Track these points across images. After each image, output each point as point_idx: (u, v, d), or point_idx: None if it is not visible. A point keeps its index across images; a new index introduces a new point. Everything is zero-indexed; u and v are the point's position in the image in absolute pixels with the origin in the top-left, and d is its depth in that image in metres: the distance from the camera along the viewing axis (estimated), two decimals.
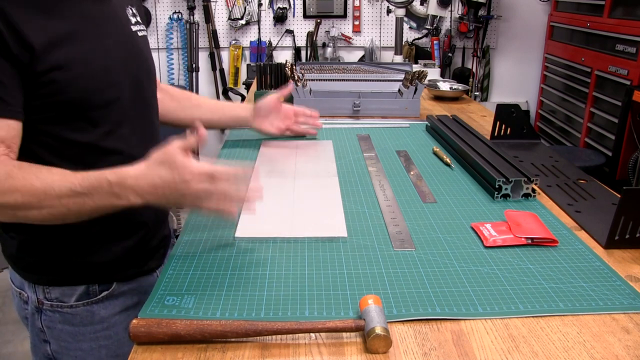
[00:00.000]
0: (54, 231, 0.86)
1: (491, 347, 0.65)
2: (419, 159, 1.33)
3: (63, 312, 0.93)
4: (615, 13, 2.71)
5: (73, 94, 0.81)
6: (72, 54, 0.80)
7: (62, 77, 0.79)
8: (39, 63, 0.76)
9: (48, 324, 0.94)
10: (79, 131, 0.84)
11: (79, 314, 0.93)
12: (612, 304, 0.74)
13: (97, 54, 0.84)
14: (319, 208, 1.02)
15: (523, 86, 3.71)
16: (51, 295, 0.92)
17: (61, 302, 0.92)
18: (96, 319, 0.94)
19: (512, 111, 1.45)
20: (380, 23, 3.57)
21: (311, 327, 0.65)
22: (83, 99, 0.82)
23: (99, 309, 0.94)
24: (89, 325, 0.94)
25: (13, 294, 0.98)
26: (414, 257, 0.85)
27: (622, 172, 2.59)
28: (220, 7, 3.53)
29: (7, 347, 2.22)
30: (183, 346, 0.65)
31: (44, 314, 0.93)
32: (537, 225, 0.93)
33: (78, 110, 0.83)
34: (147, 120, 0.98)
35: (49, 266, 0.91)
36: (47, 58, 0.77)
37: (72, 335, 0.94)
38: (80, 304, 0.93)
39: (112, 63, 0.87)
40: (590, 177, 1.22)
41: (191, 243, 0.89)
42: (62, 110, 0.81)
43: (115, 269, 0.95)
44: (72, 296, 0.92)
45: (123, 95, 0.89)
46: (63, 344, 0.95)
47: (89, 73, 0.82)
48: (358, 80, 1.89)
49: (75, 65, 0.80)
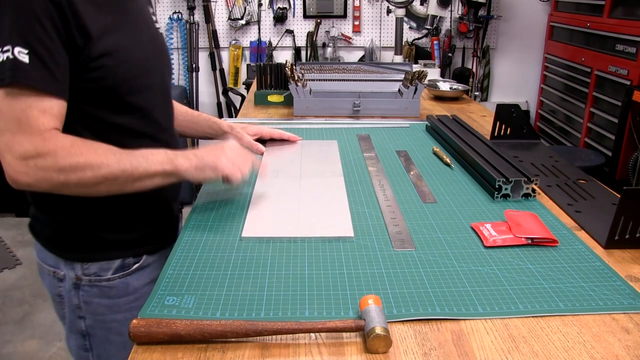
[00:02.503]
0: (93, 211, 0.96)
1: (491, 347, 0.65)
2: (419, 159, 1.33)
3: (101, 286, 1.01)
4: (615, 13, 2.71)
5: (116, 79, 0.90)
6: (118, 43, 0.89)
7: (109, 63, 0.88)
8: (93, 48, 0.85)
9: (85, 299, 1.01)
10: (119, 114, 0.93)
11: (116, 286, 1.02)
12: (612, 304, 0.74)
13: (136, 44, 0.95)
14: (325, 208, 1.02)
15: (523, 86, 3.71)
16: (89, 271, 1.00)
17: (99, 276, 1.00)
18: (130, 289, 1.03)
19: (512, 111, 1.45)
20: (380, 23, 3.57)
21: (311, 327, 0.65)
22: (124, 84, 0.92)
23: (132, 280, 1.03)
24: (124, 297, 1.03)
25: (44, 274, 1.05)
26: (414, 257, 0.85)
27: (622, 172, 2.59)
28: (220, 7, 3.53)
29: (7, 347, 2.22)
30: (183, 346, 0.65)
31: (81, 289, 1.01)
32: (537, 225, 0.93)
33: (119, 94, 0.92)
34: (169, 108, 1.10)
35: (87, 244, 0.99)
36: (99, 44, 0.86)
37: (108, 308, 1.03)
38: (117, 276, 1.01)
39: (147, 54, 0.97)
40: (590, 177, 1.22)
41: (191, 243, 0.89)
42: (105, 93, 0.90)
43: (144, 242, 1.04)
44: (109, 270, 1.01)
45: (155, 82, 1.00)
46: (99, 317, 1.03)
47: (130, 60, 0.92)
48: (358, 80, 1.89)
49: (120, 52, 0.90)
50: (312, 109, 1.73)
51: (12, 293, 2.60)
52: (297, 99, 1.72)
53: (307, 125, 1.61)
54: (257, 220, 0.96)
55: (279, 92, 1.88)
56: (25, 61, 0.79)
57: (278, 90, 1.91)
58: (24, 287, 2.65)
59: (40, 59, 0.80)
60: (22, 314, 2.44)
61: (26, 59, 0.79)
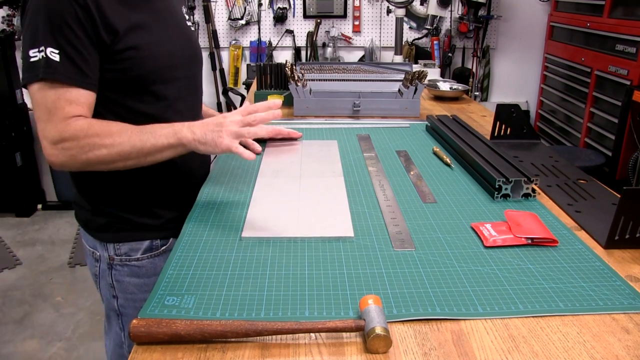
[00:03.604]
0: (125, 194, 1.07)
1: (491, 347, 0.65)
2: (419, 159, 1.33)
3: (131, 265, 1.11)
4: (615, 13, 2.71)
5: (142, 71, 1.00)
6: (144, 39, 0.99)
7: (135, 55, 0.98)
8: (119, 43, 0.95)
9: (118, 277, 1.11)
10: (144, 103, 1.03)
11: (145, 266, 1.12)
12: (612, 304, 0.74)
13: (163, 40, 1.03)
14: (325, 208, 1.02)
15: (523, 86, 3.71)
16: (121, 251, 1.10)
17: (129, 256, 1.10)
18: (158, 270, 1.11)
19: (512, 111, 1.45)
20: (380, 23, 3.57)
21: (311, 327, 0.65)
22: (149, 75, 1.01)
23: (160, 262, 1.12)
24: (152, 277, 1.12)
25: (87, 254, 1.16)
26: (414, 257, 0.85)
27: (622, 172, 2.59)
28: (220, 7, 3.53)
29: (7, 347, 2.22)
30: (183, 346, 0.65)
31: (114, 269, 1.11)
32: (537, 225, 0.93)
33: (145, 85, 1.02)
34: (196, 100, 1.18)
35: (119, 225, 1.09)
36: (125, 39, 0.96)
37: (137, 287, 1.12)
38: (145, 256, 1.11)
39: (173, 49, 1.06)
40: (590, 177, 1.22)
41: (191, 243, 0.89)
42: (132, 83, 1.00)
43: (172, 227, 1.11)
44: (139, 250, 1.11)
45: (180, 75, 1.09)
46: (129, 296, 1.12)
47: (155, 54, 1.01)
48: (358, 80, 1.89)
49: (146, 47, 0.99)
50: (312, 109, 1.73)
51: (12, 293, 2.60)
52: (297, 99, 1.72)
53: (307, 125, 1.61)
54: (257, 220, 0.96)
55: (279, 92, 1.88)
56: (57, 60, 0.90)
57: (278, 90, 1.91)
58: (24, 287, 2.65)
59: (69, 57, 0.91)
60: (22, 314, 2.44)
61: (57, 57, 0.90)
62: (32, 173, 3.47)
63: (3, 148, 3.26)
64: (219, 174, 1.20)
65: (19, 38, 3.37)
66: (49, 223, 3.36)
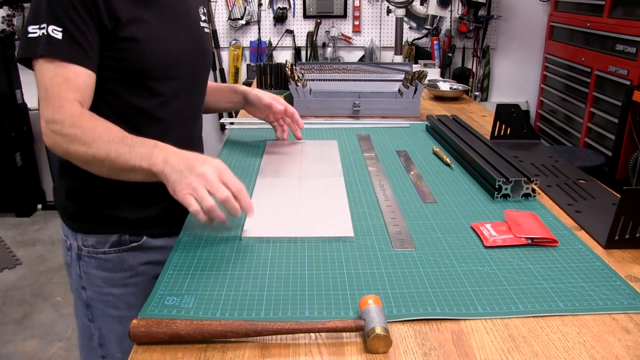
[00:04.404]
0: (99, 185, 1.00)
1: (491, 347, 0.65)
2: (419, 159, 1.33)
3: (98, 258, 1.07)
4: (615, 13, 2.71)
5: (140, 64, 0.97)
6: (146, 33, 0.97)
7: (134, 48, 0.95)
8: (120, 31, 0.94)
9: (85, 269, 1.07)
10: (139, 97, 1.00)
11: (112, 260, 1.07)
12: (612, 304, 0.73)
13: (167, 39, 1.01)
14: (325, 208, 1.02)
15: (523, 86, 3.71)
16: (88, 243, 1.06)
17: (96, 248, 1.06)
18: (125, 265, 1.08)
19: (512, 111, 1.45)
20: (380, 23, 3.57)
21: (311, 327, 0.65)
22: (147, 71, 0.99)
23: (128, 257, 1.08)
24: (119, 272, 1.08)
25: (62, 242, 1.13)
26: (414, 257, 0.85)
27: (622, 172, 2.59)
28: (220, 7, 3.52)
29: (7, 347, 2.22)
30: (183, 346, 0.65)
31: (82, 259, 1.07)
32: (537, 225, 0.93)
33: (141, 79, 0.99)
34: (195, 101, 1.15)
35: (89, 216, 1.05)
36: (127, 29, 0.94)
37: (105, 280, 1.08)
38: (112, 250, 1.07)
39: (178, 48, 1.04)
40: (590, 177, 1.22)
41: (191, 243, 0.89)
42: (128, 76, 0.98)
43: (146, 225, 1.08)
44: (106, 243, 1.06)
45: (181, 75, 1.06)
46: (97, 289, 1.08)
47: (155, 51, 0.98)
48: (358, 80, 1.89)
49: (146, 41, 0.97)
50: (312, 109, 1.73)
51: (12, 293, 2.60)
52: (297, 99, 1.72)
53: (307, 125, 1.61)
54: (257, 220, 0.96)
55: (279, 92, 1.88)
56: (59, 37, 0.89)
57: (278, 90, 1.91)
58: (24, 287, 2.65)
59: (72, 36, 0.89)
60: (22, 314, 2.44)
61: (59, 35, 0.89)
62: (32, 173, 3.47)
63: (3, 148, 3.26)
64: None
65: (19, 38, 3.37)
66: (49, 223, 3.36)
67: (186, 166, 0.84)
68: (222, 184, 0.84)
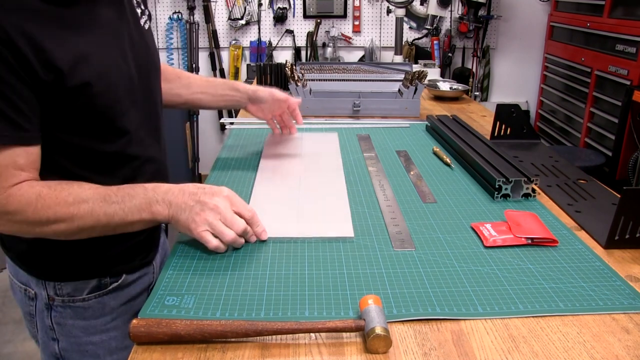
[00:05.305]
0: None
1: (491, 347, 0.65)
2: (419, 159, 1.33)
3: (75, 307, 0.95)
4: (615, 13, 2.71)
5: (101, 107, 0.83)
6: (96, 69, 0.81)
7: (90, 92, 0.81)
8: (67, 81, 0.77)
9: (58, 320, 0.95)
10: (107, 142, 0.87)
11: (92, 307, 0.96)
12: (612, 304, 0.73)
13: (117, 63, 0.87)
14: (325, 208, 1.02)
15: (523, 86, 3.71)
16: (63, 291, 0.94)
17: (73, 296, 0.94)
18: (106, 310, 0.97)
19: (512, 111, 1.45)
20: (380, 23, 3.57)
21: (311, 327, 0.65)
22: (109, 110, 0.85)
23: (109, 300, 0.97)
24: (100, 317, 0.97)
25: (15, 290, 0.99)
26: (414, 257, 0.85)
27: (622, 172, 2.59)
28: (220, 7, 3.52)
29: (7, 347, 2.22)
30: (183, 346, 0.65)
31: (54, 310, 0.95)
32: (537, 225, 0.93)
33: (107, 121, 0.86)
34: (154, 118, 1.00)
35: (62, 262, 0.92)
36: (73, 76, 0.78)
37: (83, 329, 0.96)
38: (92, 296, 0.95)
39: (129, 69, 0.89)
40: (590, 177, 1.22)
41: (191, 243, 0.89)
42: (92, 122, 0.84)
43: (124, 260, 0.98)
44: (85, 290, 0.94)
45: (138, 99, 0.92)
46: (73, 339, 0.96)
47: (112, 85, 0.85)
48: (358, 80, 1.90)
49: (100, 80, 0.82)
50: (312, 109, 1.73)
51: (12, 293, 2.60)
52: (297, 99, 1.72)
53: (307, 125, 1.61)
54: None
55: None
56: None
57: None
58: None
59: (3, 114, 0.74)
60: (22, 314, 2.43)
61: None
62: None
63: None
64: (219, 174, 1.20)
65: None
66: None
67: (195, 201, 0.82)
68: (236, 214, 0.84)
